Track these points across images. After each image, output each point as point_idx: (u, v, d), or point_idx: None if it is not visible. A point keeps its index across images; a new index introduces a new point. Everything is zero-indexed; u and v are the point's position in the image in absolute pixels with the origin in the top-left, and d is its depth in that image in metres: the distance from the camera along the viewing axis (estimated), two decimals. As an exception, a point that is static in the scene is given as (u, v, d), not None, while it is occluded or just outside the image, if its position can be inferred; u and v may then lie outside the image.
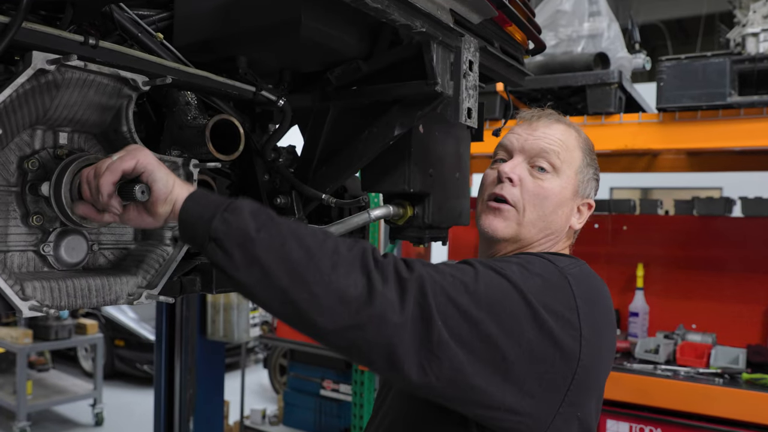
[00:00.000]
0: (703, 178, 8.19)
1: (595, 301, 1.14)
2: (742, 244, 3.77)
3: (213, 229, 0.96)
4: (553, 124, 1.34)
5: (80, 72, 1.05)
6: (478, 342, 1.00)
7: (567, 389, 1.08)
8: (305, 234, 0.98)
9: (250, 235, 0.95)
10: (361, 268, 0.97)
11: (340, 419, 5.34)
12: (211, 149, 1.38)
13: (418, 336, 0.96)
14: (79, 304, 1.08)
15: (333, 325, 0.94)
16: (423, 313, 0.97)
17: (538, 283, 1.08)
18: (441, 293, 0.99)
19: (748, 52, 2.83)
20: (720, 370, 3.07)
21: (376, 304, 0.94)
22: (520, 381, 1.03)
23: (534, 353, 1.04)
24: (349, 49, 1.40)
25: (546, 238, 1.31)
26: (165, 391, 4.02)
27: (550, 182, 1.29)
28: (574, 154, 1.32)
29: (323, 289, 0.94)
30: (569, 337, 1.07)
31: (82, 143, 1.18)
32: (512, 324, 1.03)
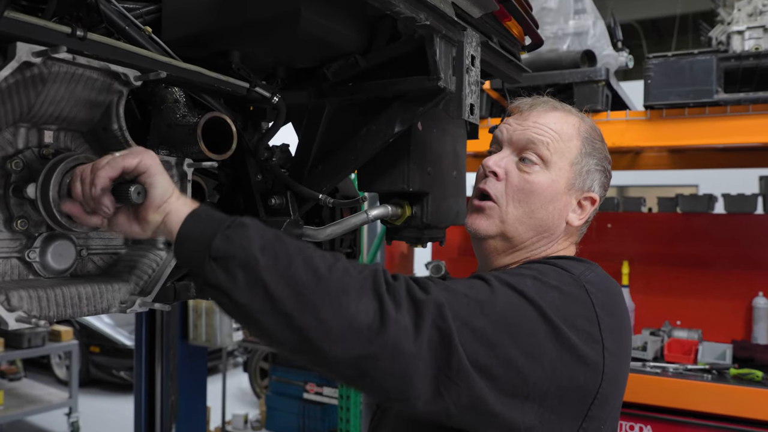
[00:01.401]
0: (679, 176, 8.25)
1: (614, 307, 1.10)
2: (725, 240, 3.79)
3: (214, 247, 0.89)
4: (548, 113, 1.24)
5: (68, 66, 0.99)
6: (498, 366, 0.94)
7: (591, 403, 1.04)
8: (313, 255, 0.91)
9: (255, 255, 0.88)
10: (372, 291, 0.90)
11: (324, 423, 5.28)
12: (203, 148, 1.32)
13: (436, 362, 0.90)
14: (69, 313, 1.01)
15: (343, 354, 0.87)
16: (443, 338, 0.91)
17: (556, 297, 1.02)
18: (458, 316, 0.93)
19: (733, 50, 2.84)
20: (708, 366, 3.08)
21: (389, 332, 0.88)
22: (541, 401, 0.98)
23: (557, 372, 0.99)
24: (348, 44, 1.35)
25: (539, 237, 1.22)
26: (146, 398, 3.92)
27: (538, 176, 1.20)
28: (569, 144, 1.22)
29: (332, 314, 0.87)
30: (592, 351, 1.02)
31: (68, 142, 1.11)
32: (533, 344, 0.97)
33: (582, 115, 1.30)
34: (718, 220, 3.94)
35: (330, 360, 0.88)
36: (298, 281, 0.87)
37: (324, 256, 0.93)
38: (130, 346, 7.58)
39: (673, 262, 3.91)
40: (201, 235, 0.91)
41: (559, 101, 1.31)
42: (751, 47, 2.79)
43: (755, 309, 3.59)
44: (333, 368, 0.90)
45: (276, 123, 1.46)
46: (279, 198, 1.50)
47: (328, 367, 0.90)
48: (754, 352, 3.25)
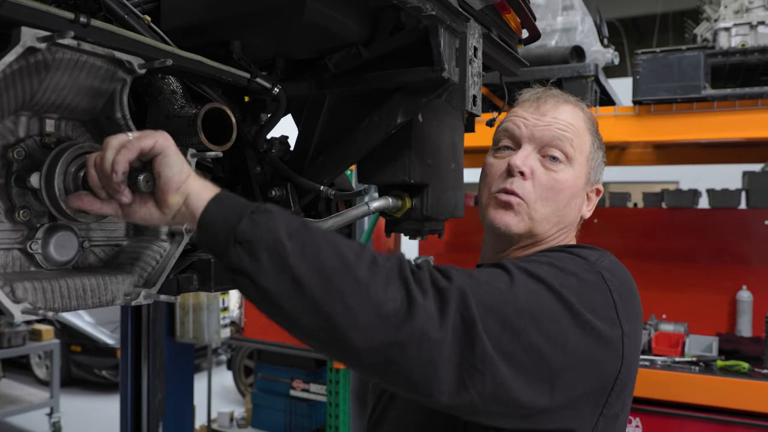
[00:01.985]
0: (660, 172, 8.36)
1: (629, 293, 1.10)
2: (709, 235, 3.85)
3: (240, 231, 0.86)
4: (561, 106, 1.23)
5: (72, 52, 0.96)
6: (522, 353, 0.94)
7: (611, 389, 1.04)
8: (341, 243, 0.90)
9: (282, 240, 0.86)
10: (399, 280, 0.89)
11: (311, 420, 5.26)
12: (203, 139, 1.30)
13: (461, 350, 0.89)
14: (73, 305, 0.99)
15: (370, 342, 0.86)
16: (466, 325, 0.90)
17: (574, 283, 1.02)
18: (481, 303, 0.92)
19: (720, 46, 2.88)
20: (695, 358, 3.12)
21: (417, 319, 0.87)
22: (566, 388, 0.98)
23: (579, 358, 0.99)
24: (351, 34, 1.34)
25: (559, 232, 1.23)
26: (132, 397, 3.87)
27: (564, 173, 1.19)
28: (584, 139, 1.23)
29: (360, 301, 0.85)
30: (613, 335, 1.02)
31: (69, 131, 1.09)
32: (555, 330, 0.97)
33: (581, 104, 1.29)
34: (703, 215, 3.99)
35: (356, 348, 0.87)
36: (326, 267, 0.86)
37: (351, 244, 0.91)
38: (112, 345, 7.48)
39: (658, 256, 3.96)
40: (226, 218, 0.89)
41: (551, 86, 1.30)
42: (738, 44, 2.83)
43: (739, 302, 3.65)
44: (358, 357, 0.88)
45: (276, 114, 1.45)
46: (279, 190, 1.48)
47: (354, 355, 0.88)
48: (739, 345, 3.31)
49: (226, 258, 0.88)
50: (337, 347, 0.89)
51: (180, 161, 0.93)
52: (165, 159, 0.91)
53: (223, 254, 0.88)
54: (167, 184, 0.91)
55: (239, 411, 5.92)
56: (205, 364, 5.94)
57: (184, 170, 0.92)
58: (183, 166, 0.93)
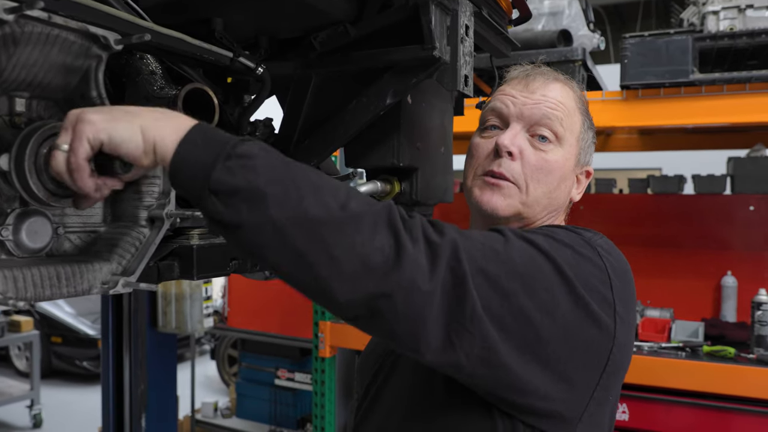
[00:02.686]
0: (642, 159, 8.39)
1: (625, 273, 1.07)
2: (694, 220, 3.85)
3: (214, 180, 0.81)
4: (551, 84, 1.18)
5: (43, 26, 0.90)
6: (510, 317, 0.90)
7: (602, 371, 1.01)
8: (325, 186, 0.84)
9: (261, 189, 0.80)
10: (388, 227, 0.84)
11: (297, 409, 5.23)
12: (184, 121, 1.25)
13: (449, 307, 0.85)
14: (47, 294, 0.93)
15: (355, 294, 0.82)
16: (456, 281, 0.86)
17: (569, 255, 0.98)
18: (473, 260, 0.88)
19: (708, 30, 2.86)
20: (681, 344, 3.12)
21: (405, 269, 0.82)
22: (554, 363, 0.95)
23: (569, 331, 0.95)
24: (337, 11, 1.29)
25: (548, 215, 1.20)
26: (113, 388, 3.80)
27: (554, 153, 1.15)
28: (575, 119, 1.19)
29: (346, 251, 0.81)
30: (604, 314, 0.99)
31: (41, 110, 1.03)
32: (547, 297, 0.93)
33: (572, 83, 1.25)
34: (688, 200, 4.00)
35: (342, 299, 0.83)
36: (309, 216, 0.81)
37: (337, 188, 0.86)
38: (93, 336, 7.39)
39: (644, 242, 3.96)
40: (197, 162, 0.82)
41: (554, 69, 1.25)
42: (726, 27, 2.81)
43: (724, 288, 3.66)
44: (345, 308, 0.85)
45: (260, 96, 1.39)
46: (264, 174, 1.43)
47: (339, 307, 0.85)
48: (724, 330, 3.31)
49: (203, 208, 0.83)
50: (324, 297, 0.85)
51: (125, 128, 0.84)
52: (110, 142, 0.84)
53: (199, 203, 0.83)
54: (131, 157, 0.85)
55: (223, 401, 5.87)
56: (188, 354, 5.87)
57: (135, 133, 0.84)
58: (132, 130, 0.84)
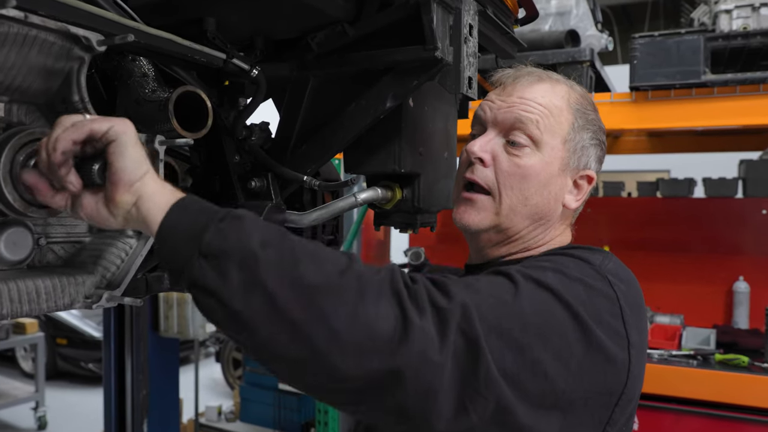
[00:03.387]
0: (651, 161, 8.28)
1: (635, 297, 1.02)
2: (705, 225, 3.78)
3: (205, 242, 0.75)
4: (534, 85, 1.12)
5: (19, 26, 0.85)
6: (526, 372, 0.85)
7: (615, 405, 0.96)
8: (323, 254, 0.79)
9: (253, 251, 0.75)
10: (392, 296, 0.79)
11: (300, 414, 5.18)
12: (175, 126, 1.20)
13: (462, 375, 0.80)
14: (25, 310, 0.89)
15: (359, 370, 0.75)
16: (469, 345, 0.80)
17: (581, 291, 0.93)
18: (485, 319, 0.83)
19: (720, 30, 2.78)
20: (692, 351, 3.05)
21: (414, 341, 0.76)
22: (568, 407, 0.90)
23: (584, 375, 0.90)
24: (335, 11, 1.23)
25: (535, 225, 1.13)
26: (115, 392, 3.76)
27: (530, 158, 1.09)
28: (560, 119, 1.11)
29: (348, 323, 0.74)
30: (619, 348, 0.94)
31: (22, 116, 0.98)
32: (562, 346, 0.88)
33: (571, 83, 1.18)
34: (699, 204, 3.92)
35: (342, 377, 0.75)
36: (305, 283, 0.74)
37: (335, 255, 0.80)
38: (98, 338, 7.36)
39: (653, 247, 3.88)
40: (189, 227, 0.77)
41: (544, 69, 1.19)
42: (739, 27, 2.73)
43: (736, 293, 3.58)
44: (344, 388, 0.77)
45: (255, 99, 1.34)
46: (259, 180, 1.38)
47: (339, 386, 0.77)
48: (736, 337, 3.24)
49: (188, 273, 0.76)
50: (324, 375, 0.76)
51: (137, 154, 0.81)
52: (119, 148, 0.80)
53: (184, 269, 0.77)
54: (117, 177, 0.80)
55: (228, 404, 5.83)
56: (193, 356, 5.84)
57: (141, 166, 0.81)
58: (141, 160, 0.81)
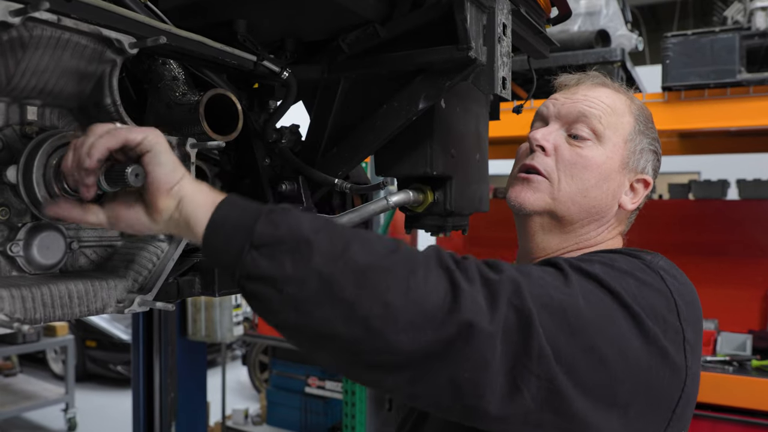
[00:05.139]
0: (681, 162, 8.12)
1: (690, 295, 0.98)
2: (739, 227, 3.68)
3: (257, 233, 0.75)
4: (598, 87, 1.15)
5: (52, 29, 0.85)
6: (580, 357, 0.82)
7: (676, 404, 0.92)
8: (371, 237, 0.79)
9: (306, 237, 0.75)
10: (441, 269, 0.78)
11: (327, 417, 5.17)
12: (206, 129, 1.19)
13: (514, 348, 0.78)
14: (58, 315, 0.88)
15: (414, 344, 0.74)
16: (521, 319, 0.78)
17: (632, 284, 0.90)
18: (536, 297, 0.81)
19: (757, 27, 2.71)
20: (728, 357, 2.97)
21: (464, 310, 0.75)
22: (627, 403, 0.86)
23: (642, 367, 0.87)
24: (367, 11, 1.22)
25: (590, 219, 1.11)
26: (144, 395, 3.79)
27: (592, 150, 1.09)
28: (622, 119, 1.12)
29: (401, 298, 0.74)
30: (674, 344, 0.90)
31: (55, 119, 0.98)
32: (616, 334, 0.85)
33: (631, 95, 1.20)
34: (733, 206, 3.83)
35: (399, 353, 0.75)
36: (358, 264, 0.74)
37: (382, 238, 0.80)
38: (126, 341, 7.45)
39: (685, 250, 3.80)
40: (239, 221, 0.77)
41: (607, 76, 1.21)
42: (776, 24, 2.66)
43: (772, 298, 3.49)
44: (402, 364, 0.76)
45: (285, 101, 1.33)
46: (290, 183, 1.37)
47: (396, 362, 0.76)
48: (774, 343, 3.15)
49: (240, 267, 0.76)
50: (380, 353, 0.76)
51: (173, 161, 0.82)
52: (155, 157, 0.80)
53: (236, 263, 0.76)
54: (158, 183, 0.80)
55: (254, 408, 5.85)
56: (220, 359, 5.86)
57: (177, 171, 0.81)
58: (176, 166, 0.82)
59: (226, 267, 0.79)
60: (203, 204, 0.80)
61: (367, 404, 3.80)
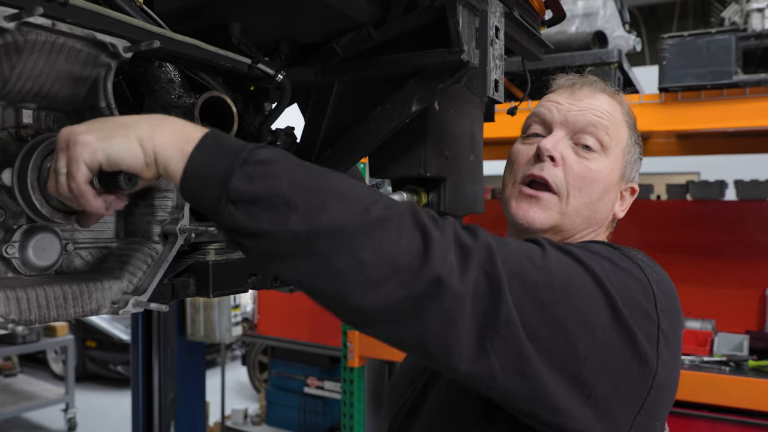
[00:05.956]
0: (680, 163, 8.14)
1: (670, 287, 0.99)
2: (737, 228, 3.70)
3: (233, 189, 0.75)
4: (598, 94, 1.15)
5: (47, 33, 0.86)
6: (546, 329, 0.83)
7: (647, 393, 0.92)
8: (349, 191, 0.79)
9: (282, 196, 0.75)
10: (415, 225, 0.78)
11: (326, 417, 5.19)
12: (201, 131, 1.20)
13: (483, 310, 0.79)
14: (53, 316, 0.89)
15: (385, 300, 0.76)
16: (491, 283, 0.79)
17: (608, 268, 0.91)
18: (508, 265, 0.82)
19: (753, 29, 2.72)
20: (725, 357, 2.98)
21: (434, 266, 0.76)
22: (592, 382, 0.87)
23: (609, 347, 0.87)
24: (360, 14, 1.22)
25: (588, 229, 1.14)
26: (143, 395, 3.81)
27: (598, 162, 1.10)
28: (621, 131, 1.14)
29: (374, 254, 0.75)
30: (645, 331, 0.91)
31: (50, 122, 0.99)
32: (586, 309, 0.86)
33: (622, 99, 1.21)
34: (731, 207, 3.84)
35: (369, 308, 0.76)
36: (334, 221, 0.75)
37: (361, 192, 0.80)
38: (126, 341, 7.47)
39: (683, 250, 3.81)
40: (213, 170, 0.77)
41: (603, 80, 1.22)
42: (772, 25, 2.67)
43: (770, 298, 3.50)
44: (372, 318, 0.78)
45: (280, 104, 1.34)
46: (284, 185, 1.38)
47: (367, 317, 0.78)
48: (771, 343, 3.16)
49: (219, 219, 0.77)
50: (350, 307, 0.78)
51: (122, 144, 0.79)
52: (108, 161, 0.79)
53: (215, 214, 0.78)
54: (127, 165, 0.80)
55: (254, 408, 5.87)
56: (219, 359, 5.87)
57: (133, 146, 0.79)
58: (129, 144, 0.79)
59: (207, 214, 0.80)
60: (174, 155, 0.79)
61: (366, 404, 3.81)
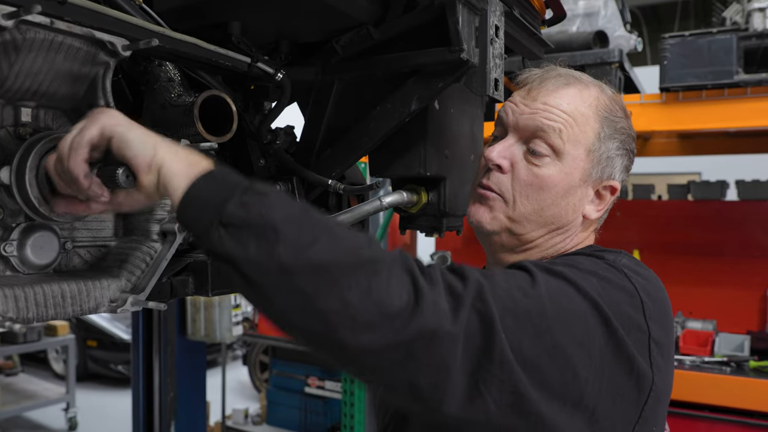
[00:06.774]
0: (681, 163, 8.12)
1: (657, 291, 0.98)
2: (738, 228, 3.69)
3: (227, 213, 0.75)
4: (560, 90, 1.07)
5: (45, 32, 0.86)
6: (545, 358, 0.82)
7: (644, 402, 0.92)
8: (341, 232, 0.79)
9: (274, 225, 0.75)
10: (405, 272, 0.78)
11: (327, 417, 5.18)
12: (200, 130, 1.20)
13: (476, 352, 0.78)
14: (51, 314, 0.89)
15: (371, 344, 0.75)
16: (483, 323, 0.79)
17: (595, 283, 0.90)
18: (499, 299, 0.81)
19: (754, 28, 2.72)
20: (726, 358, 2.97)
21: (425, 314, 0.75)
22: (594, 404, 0.86)
23: (607, 365, 0.87)
24: (360, 13, 1.22)
25: (552, 234, 1.09)
26: (143, 395, 3.81)
27: (549, 168, 1.04)
28: (585, 128, 1.06)
29: (360, 297, 0.74)
30: (638, 343, 0.91)
31: (49, 121, 0.99)
32: (582, 330, 0.85)
33: (602, 86, 1.12)
34: (732, 207, 3.83)
35: (353, 351, 0.75)
36: (322, 259, 0.75)
37: (353, 235, 0.80)
38: (127, 340, 7.45)
39: (684, 250, 3.81)
40: (212, 196, 0.78)
41: (574, 70, 1.13)
42: (774, 25, 2.66)
43: (771, 299, 3.49)
44: (357, 361, 0.77)
45: (280, 103, 1.34)
46: (284, 184, 1.38)
47: (350, 359, 0.77)
48: (772, 344, 3.16)
49: (206, 241, 0.77)
50: (334, 348, 0.77)
51: (139, 136, 0.82)
52: (120, 141, 0.81)
53: (203, 236, 0.78)
54: (134, 163, 0.81)
55: (254, 407, 5.86)
56: (220, 359, 5.88)
57: (147, 144, 0.81)
58: (145, 140, 0.82)
59: (197, 238, 0.80)
60: (179, 173, 0.80)
61: (366, 404, 3.81)
